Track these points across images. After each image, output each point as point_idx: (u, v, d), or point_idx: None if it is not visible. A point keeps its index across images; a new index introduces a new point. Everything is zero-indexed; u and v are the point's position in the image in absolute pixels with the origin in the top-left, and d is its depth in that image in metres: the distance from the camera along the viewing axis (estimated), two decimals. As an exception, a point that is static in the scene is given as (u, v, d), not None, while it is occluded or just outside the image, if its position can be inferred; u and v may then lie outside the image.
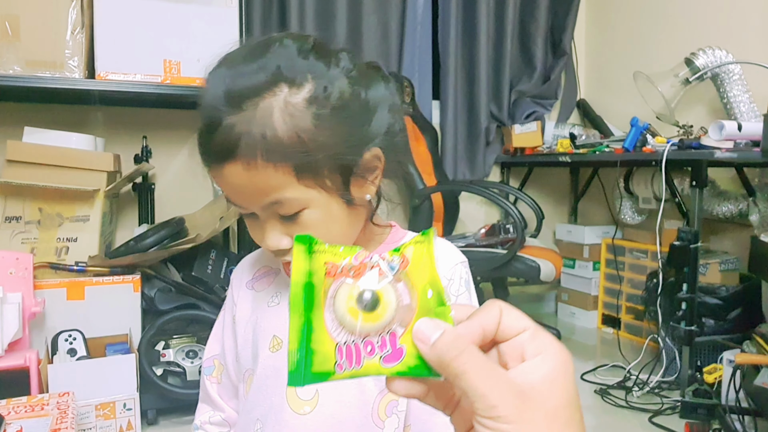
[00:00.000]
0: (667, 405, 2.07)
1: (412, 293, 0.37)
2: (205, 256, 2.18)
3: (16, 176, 1.89)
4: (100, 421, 1.75)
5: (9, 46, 1.89)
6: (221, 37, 2.11)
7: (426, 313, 0.36)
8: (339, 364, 0.35)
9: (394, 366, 0.35)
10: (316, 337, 0.36)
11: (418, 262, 0.38)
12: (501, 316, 0.36)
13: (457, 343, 0.34)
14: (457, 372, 0.33)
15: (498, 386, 0.33)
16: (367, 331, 0.36)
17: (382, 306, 0.36)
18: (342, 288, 0.37)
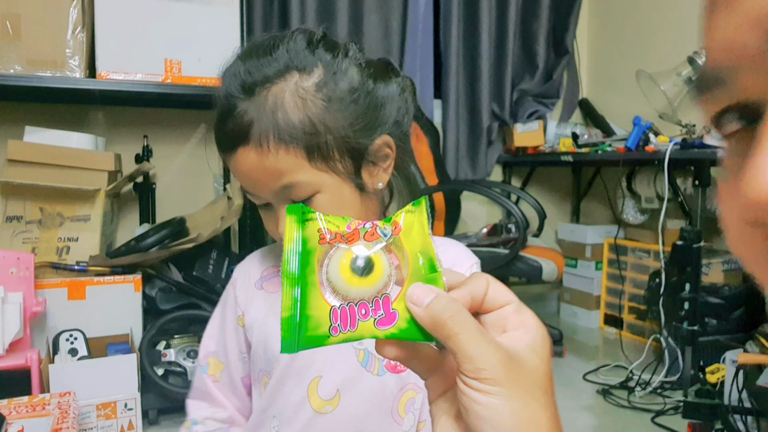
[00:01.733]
0: (670, 405, 2.06)
1: (404, 259, 0.38)
2: (206, 256, 2.18)
3: (17, 176, 1.89)
4: (101, 421, 1.75)
5: (10, 45, 1.89)
6: (222, 37, 2.12)
7: (418, 278, 0.37)
8: (334, 327, 0.35)
9: (388, 329, 0.36)
10: (310, 302, 0.36)
11: (410, 230, 0.39)
12: (488, 288, 0.38)
13: (451, 305, 0.35)
14: (450, 333, 0.34)
15: (489, 349, 0.34)
16: (362, 295, 0.36)
17: (376, 271, 0.37)
18: (336, 253, 0.37)
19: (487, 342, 0.34)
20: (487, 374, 0.33)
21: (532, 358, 0.35)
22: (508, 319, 0.37)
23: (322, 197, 0.65)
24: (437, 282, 0.37)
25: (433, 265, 0.38)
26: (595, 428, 2.00)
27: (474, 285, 0.37)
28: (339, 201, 0.66)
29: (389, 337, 0.36)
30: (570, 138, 2.87)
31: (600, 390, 2.23)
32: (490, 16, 3.04)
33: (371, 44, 2.84)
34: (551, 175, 3.39)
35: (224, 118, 0.65)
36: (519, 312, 0.38)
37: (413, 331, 0.36)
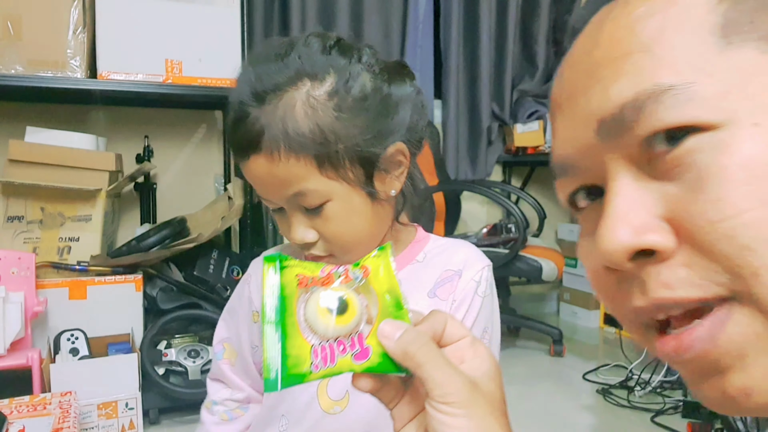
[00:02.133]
0: (670, 405, 2.06)
1: (372, 299, 0.41)
2: (206, 256, 2.18)
3: (18, 176, 1.89)
4: (102, 420, 1.75)
5: (11, 45, 1.89)
6: (223, 37, 2.13)
7: (387, 315, 0.41)
8: (315, 365, 0.39)
9: (364, 362, 0.39)
10: (290, 342, 0.39)
11: (378, 272, 0.43)
12: (446, 324, 0.42)
13: (419, 338, 0.39)
14: (420, 362, 0.38)
15: (454, 376, 0.38)
16: (339, 332, 0.40)
17: (350, 309, 0.40)
18: (313, 296, 0.41)
19: (453, 370, 0.38)
20: (454, 398, 0.37)
21: (489, 385, 0.40)
22: (464, 351, 0.41)
23: (333, 205, 0.65)
24: (404, 318, 0.41)
25: (399, 303, 0.42)
26: (595, 428, 2.00)
27: (434, 321, 0.42)
28: (349, 208, 0.66)
29: (366, 371, 0.39)
30: (570, 138, 2.87)
31: (600, 389, 2.23)
32: (490, 17, 3.05)
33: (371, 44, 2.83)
34: (551, 175, 3.38)
35: (237, 124, 0.65)
36: (473, 345, 0.42)
37: (386, 364, 0.39)
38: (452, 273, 0.75)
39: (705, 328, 0.30)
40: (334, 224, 0.66)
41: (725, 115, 0.29)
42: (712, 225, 0.29)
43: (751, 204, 0.28)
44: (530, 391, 2.22)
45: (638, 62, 0.32)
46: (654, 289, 0.31)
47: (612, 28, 0.34)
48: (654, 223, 0.31)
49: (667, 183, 0.31)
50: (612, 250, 0.31)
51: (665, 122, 0.30)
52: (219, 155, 2.58)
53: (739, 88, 0.30)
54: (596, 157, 0.34)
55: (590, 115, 0.34)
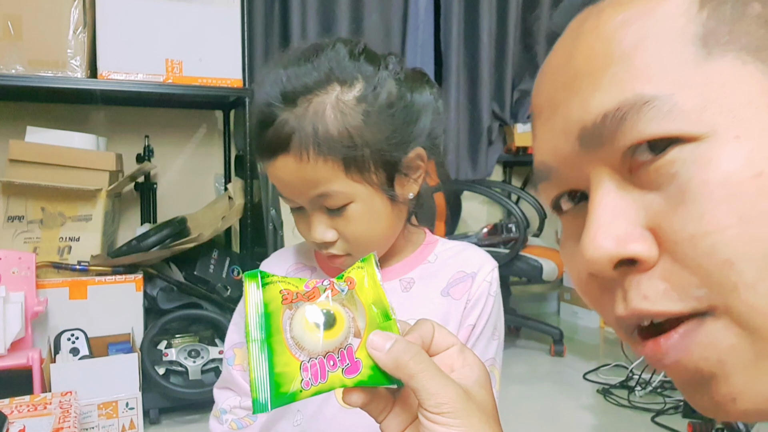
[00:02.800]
0: (670, 404, 2.06)
1: (358, 311, 0.41)
2: (207, 256, 2.18)
3: (18, 176, 1.90)
4: (103, 420, 1.75)
5: (11, 45, 1.90)
6: (223, 37, 2.13)
7: (375, 326, 0.40)
8: (305, 381, 0.38)
9: (355, 377, 0.38)
10: (278, 360, 0.38)
11: (363, 283, 0.42)
12: (434, 332, 0.42)
13: (410, 348, 0.39)
14: (411, 373, 0.37)
15: (447, 386, 0.38)
16: (328, 347, 0.39)
17: (338, 323, 0.40)
18: (299, 311, 0.40)
19: (445, 379, 0.38)
20: (448, 408, 0.37)
21: (480, 392, 0.40)
22: (454, 360, 0.41)
23: (356, 207, 0.67)
24: (392, 328, 0.40)
25: (387, 314, 0.41)
26: (596, 427, 2.00)
27: (422, 330, 0.41)
28: (371, 210, 0.68)
29: (357, 385, 0.38)
30: (570, 138, 2.87)
31: (600, 389, 2.23)
32: (490, 16, 3.05)
33: (372, 45, 2.81)
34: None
35: (264, 125, 0.66)
36: (462, 353, 0.42)
37: (377, 377, 0.38)
38: (465, 274, 0.77)
39: (679, 335, 0.31)
40: (355, 225, 0.67)
41: (706, 128, 0.30)
42: (692, 239, 0.29)
43: (731, 221, 0.28)
44: (530, 391, 2.22)
45: (618, 74, 0.32)
46: (634, 300, 0.32)
47: (589, 38, 0.34)
48: (637, 232, 0.31)
49: (650, 192, 0.31)
50: (596, 259, 0.32)
51: (646, 134, 0.30)
52: (219, 155, 2.58)
53: (720, 100, 0.30)
54: (578, 166, 0.35)
55: (571, 125, 0.34)
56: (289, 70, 0.66)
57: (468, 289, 0.77)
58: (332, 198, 0.66)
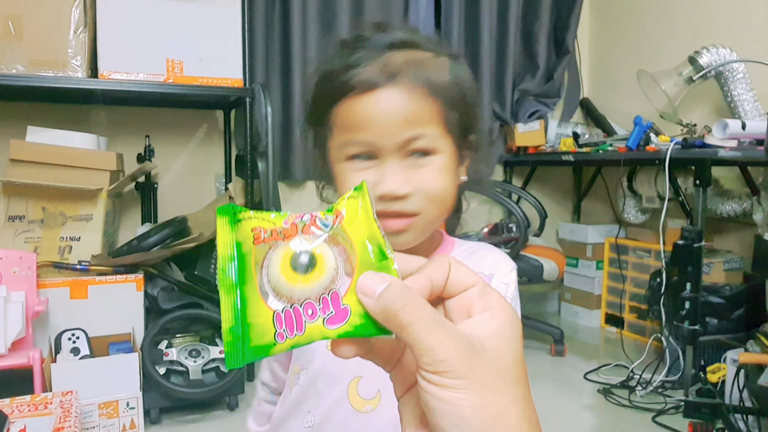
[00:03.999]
0: (671, 404, 2.06)
1: (350, 249, 0.35)
2: (207, 255, 2.19)
3: (19, 175, 1.90)
4: (103, 419, 1.75)
5: (12, 45, 1.90)
6: (224, 37, 2.13)
7: (368, 267, 0.34)
8: (279, 334, 0.32)
9: (340, 326, 0.33)
10: (251, 310, 0.33)
11: (354, 217, 0.36)
12: (450, 271, 0.35)
13: (404, 294, 0.32)
14: (403, 324, 0.31)
15: (447, 339, 0.31)
16: (307, 294, 0.33)
17: (320, 266, 0.34)
18: (274, 252, 0.34)
19: (445, 331, 0.31)
20: (447, 366, 0.30)
21: (498, 346, 0.32)
22: (473, 303, 0.34)
23: (440, 159, 0.66)
24: (389, 269, 0.34)
25: (383, 252, 0.34)
26: (596, 427, 2.00)
27: (433, 269, 0.34)
28: (450, 169, 0.67)
29: (342, 336, 0.33)
30: (571, 137, 2.88)
31: (601, 389, 2.23)
32: (491, 17, 3.05)
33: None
34: (552, 174, 3.39)
35: (367, 59, 0.65)
36: (484, 294, 0.34)
37: (368, 326, 0.33)
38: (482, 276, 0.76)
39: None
40: (435, 177, 0.66)
41: None
42: None
43: None
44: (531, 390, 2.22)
45: None
46: None
47: None
48: None
49: None
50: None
51: None
52: (220, 155, 2.58)
53: None
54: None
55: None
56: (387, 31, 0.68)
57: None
58: (425, 140, 0.64)
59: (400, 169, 0.65)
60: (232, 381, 1.95)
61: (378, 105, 0.64)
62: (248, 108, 2.15)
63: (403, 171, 0.65)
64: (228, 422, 1.95)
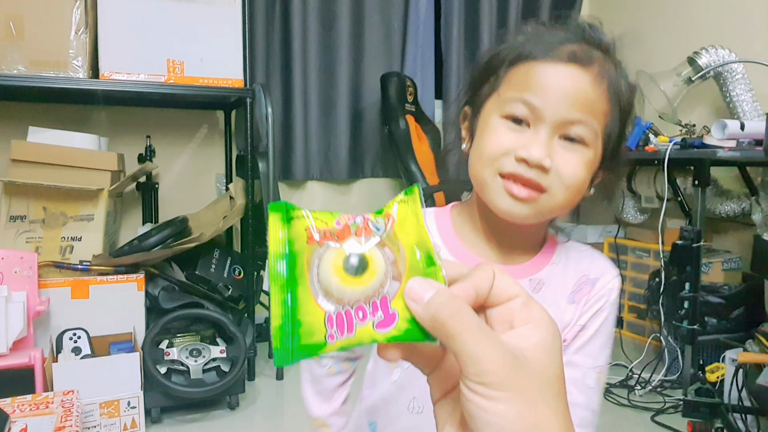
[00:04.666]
0: (670, 404, 2.07)
1: (400, 254, 0.35)
2: (208, 255, 2.19)
3: (20, 176, 1.90)
4: (104, 419, 1.76)
5: (13, 45, 1.90)
6: (224, 38, 2.13)
7: (416, 273, 0.34)
8: (330, 335, 0.33)
9: (388, 331, 0.33)
10: (302, 308, 0.33)
11: (405, 221, 0.36)
12: (494, 280, 0.35)
13: (452, 302, 0.32)
14: (451, 332, 0.31)
15: (493, 350, 0.31)
16: (357, 297, 0.33)
17: (371, 269, 0.34)
18: (326, 253, 0.34)
19: (491, 342, 0.31)
20: (492, 377, 0.31)
21: (541, 358, 0.33)
22: (515, 314, 0.34)
23: (586, 151, 0.67)
24: (437, 276, 0.34)
25: (431, 258, 0.34)
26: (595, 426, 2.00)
27: (478, 278, 0.35)
28: (589, 165, 0.68)
29: (390, 341, 0.33)
30: (570, 138, 2.88)
31: (600, 389, 2.23)
32: (490, 17, 3.05)
33: (372, 45, 2.84)
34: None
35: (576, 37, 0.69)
36: (527, 306, 0.34)
37: (415, 332, 0.33)
38: (588, 279, 0.76)
39: None
40: (579, 166, 0.66)
41: None
42: None
43: None
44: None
45: None
46: None
47: None
48: None
49: None
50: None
51: None
52: (221, 155, 2.59)
53: None
54: None
55: None
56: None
57: (587, 293, 0.75)
58: (585, 128, 0.66)
59: (550, 142, 0.66)
60: (233, 380, 1.96)
61: (563, 76, 0.66)
62: (249, 108, 2.16)
63: (551, 146, 0.66)
64: (229, 422, 1.96)
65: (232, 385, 1.96)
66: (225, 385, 1.94)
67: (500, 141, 0.67)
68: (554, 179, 0.65)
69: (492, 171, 0.67)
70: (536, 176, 0.65)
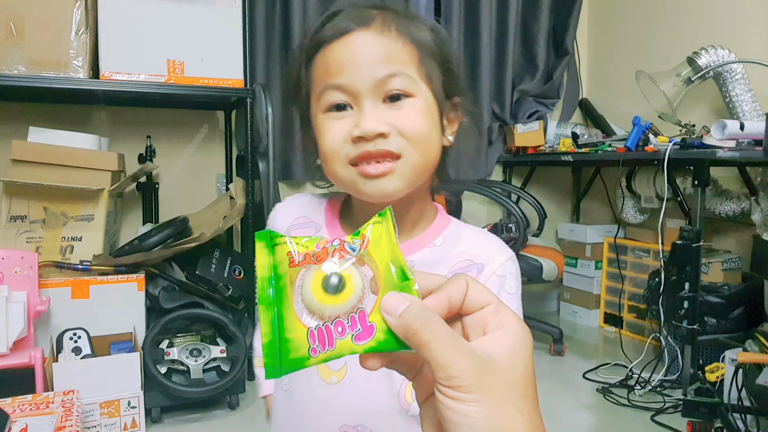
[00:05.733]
0: (669, 404, 2.07)
1: (375, 271, 0.38)
2: (208, 255, 2.19)
3: (21, 176, 1.90)
4: (105, 419, 1.76)
5: (14, 46, 1.90)
6: (225, 38, 2.13)
7: (391, 288, 0.37)
8: (313, 349, 0.36)
9: (366, 343, 0.36)
10: (287, 325, 0.37)
11: (379, 241, 0.39)
12: (467, 290, 0.38)
13: (423, 314, 0.35)
14: (421, 342, 0.34)
15: (460, 357, 0.34)
16: (336, 312, 0.37)
17: (348, 287, 0.37)
18: (307, 274, 0.38)
19: (459, 349, 0.34)
20: (460, 381, 0.33)
21: (510, 361, 0.35)
22: (488, 321, 0.37)
23: (417, 101, 0.66)
24: (410, 289, 0.37)
25: (405, 274, 0.38)
26: (595, 426, 2.01)
27: (452, 288, 0.38)
28: (429, 115, 0.67)
29: (368, 351, 0.36)
30: (570, 138, 2.88)
31: (600, 388, 2.24)
32: (490, 17, 3.05)
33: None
34: (551, 174, 3.40)
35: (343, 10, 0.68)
36: (498, 313, 0.37)
37: (391, 342, 0.36)
38: (470, 263, 0.73)
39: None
40: (413, 118, 0.66)
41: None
42: None
43: None
44: (531, 390, 2.22)
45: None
46: None
47: None
48: None
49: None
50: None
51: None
52: (221, 155, 2.59)
53: None
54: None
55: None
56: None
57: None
58: (401, 79, 0.65)
59: (376, 110, 0.65)
60: (233, 380, 1.96)
61: (352, 46, 0.66)
62: (249, 108, 2.16)
63: (379, 113, 0.65)
64: (229, 421, 1.96)
65: (232, 385, 1.97)
66: (225, 385, 1.94)
67: (333, 134, 0.67)
68: (398, 141, 0.65)
69: (341, 164, 0.67)
70: (382, 145, 0.65)
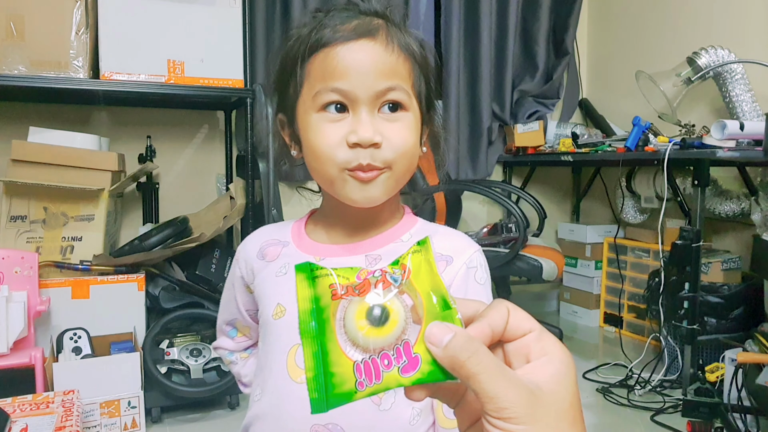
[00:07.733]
0: (669, 404, 2.07)
1: (418, 301, 0.38)
2: (208, 255, 2.19)
3: (21, 176, 1.90)
4: (105, 419, 1.76)
5: (14, 46, 1.90)
6: (225, 38, 2.14)
7: (434, 318, 0.37)
8: (360, 383, 0.36)
9: (413, 375, 0.36)
10: (332, 359, 0.36)
11: (419, 270, 0.39)
12: (508, 317, 0.37)
13: (469, 344, 0.35)
14: (470, 373, 0.34)
15: (510, 388, 0.34)
16: (381, 345, 0.36)
17: (392, 318, 0.37)
18: (350, 307, 0.37)
19: (508, 380, 0.34)
20: (510, 413, 0.33)
21: (557, 390, 0.35)
22: (530, 348, 0.37)
23: (409, 116, 0.70)
24: (453, 318, 0.37)
25: (447, 303, 0.37)
26: (595, 426, 2.01)
27: (493, 316, 0.37)
28: (415, 129, 0.71)
29: (415, 383, 0.36)
30: (570, 138, 2.88)
31: (600, 388, 2.24)
32: (490, 18, 3.05)
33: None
34: (551, 174, 3.40)
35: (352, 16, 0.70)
36: (541, 340, 0.37)
37: (437, 373, 0.36)
38: (438, 256, 0.73)
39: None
40: (403, 133, 0.69)
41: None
42: None
43: None
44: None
45: None
46: None
47: None
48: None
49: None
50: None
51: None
52: (221, 155, 2.59)
53: None
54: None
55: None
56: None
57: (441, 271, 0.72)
58: (400, 93, 0.68)
59: (373, 120, 0.67)
60: (233, 380, 1.96)
61: (358, 54, 0.67)
62: (249, 108, 2.16)
63: (375, 122, 0.67)
64: (229, 421, 1.96)
65: (232, 385, 1.97)
66: (225, 385, 1.94)
67: (328, 135, 0.68)
68: (389, 152, 0.68)
69: (334, 166, 0.68)
70: (376, 155, 0.67)
